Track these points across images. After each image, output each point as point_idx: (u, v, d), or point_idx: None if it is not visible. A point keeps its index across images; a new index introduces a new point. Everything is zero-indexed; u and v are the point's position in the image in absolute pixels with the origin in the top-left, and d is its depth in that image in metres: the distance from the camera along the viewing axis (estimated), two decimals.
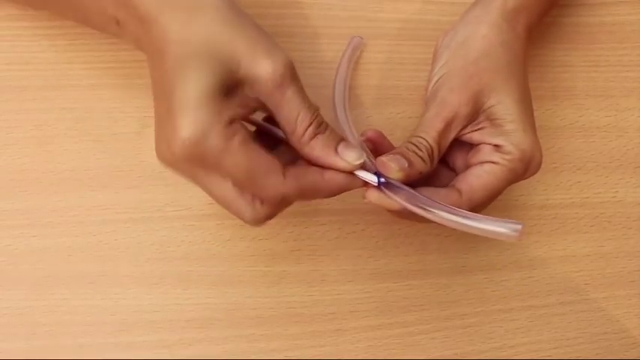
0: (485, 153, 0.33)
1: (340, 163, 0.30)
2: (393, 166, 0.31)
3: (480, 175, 0.32)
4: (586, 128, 0.42)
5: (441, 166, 0.35)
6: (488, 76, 0.33)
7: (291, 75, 0.29)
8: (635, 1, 0.44)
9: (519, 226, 0.28)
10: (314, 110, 0.30)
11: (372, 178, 0.31)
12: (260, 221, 0.30)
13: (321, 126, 0.30)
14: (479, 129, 0.34)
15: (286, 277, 0.38)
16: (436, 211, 0.30)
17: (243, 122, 0.29)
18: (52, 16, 0.39)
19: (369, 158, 0.33)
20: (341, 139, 0.30)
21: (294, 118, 0.29)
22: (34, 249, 0.37)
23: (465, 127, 0.34)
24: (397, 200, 0.31)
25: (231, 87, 0.28)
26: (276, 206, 0.30)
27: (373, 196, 0.31)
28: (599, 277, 0.40)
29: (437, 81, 0.34)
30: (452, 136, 0.33)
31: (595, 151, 0.42)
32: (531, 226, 0.40)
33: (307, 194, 0.30)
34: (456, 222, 0.29)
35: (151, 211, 0.38)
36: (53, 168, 0.38)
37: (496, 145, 0.33)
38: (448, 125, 0.33)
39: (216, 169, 0.28)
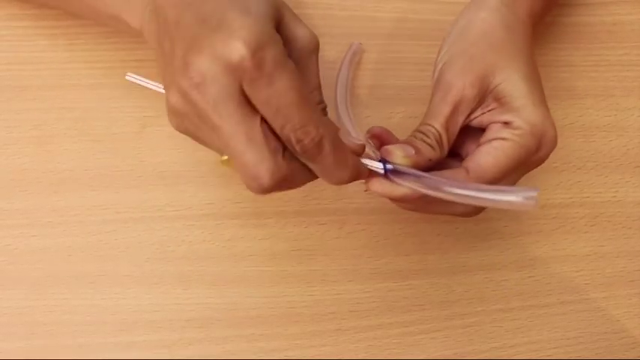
0: (494, 131, 0.32)
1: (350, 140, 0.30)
2: (397, 153, 0.30)
3: (488, 151, 0.31)
4: (586, 128, 0.42)
5: (452, 159, 0.34)
6: (491, 56, 0.33)
7: (318, 47, 0.30)
8: (635, 0, 0.44)
9: (534, 193, 0.27)
10: (321, 93, 0.30)
11: (378, 165, 0.30)
12: (276, 178, 0.26)
13: (323, 110, 0.30)
14: (488, 111, 0.33)
15: (286, 276, 0.38)
16: (447, 188, 0.28)
17: None
18: (52, 16, 0.39)
19: (374, 153, 0.32)
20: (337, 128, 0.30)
21: (311, 87, 0.30)
22: (34, 249, 0.37)
23: (473, 110, 0.33)
24: (404, 184, 0.30)
25: (277, 24, 0.27)
26: (295, 166, 0.27)
27: (375, 184, 0.30)
28: (599, 277, 0.40)
29: (440, 68, 0.34)
30: (460, 120, 0.32)
31: (595, 150, 0.42)
32: (531, 225, 0.40)
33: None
34: (468, 195, 0.28)
35: (151, 210, 0.38)
36: (53, 168, 0.38)
37: (505, 122, 0.32)
38: (455, 109, 0.32)
39: (264, 88, 0.25)
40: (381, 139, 0.32)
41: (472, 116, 0.33)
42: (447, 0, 0.43)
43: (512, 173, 0.32)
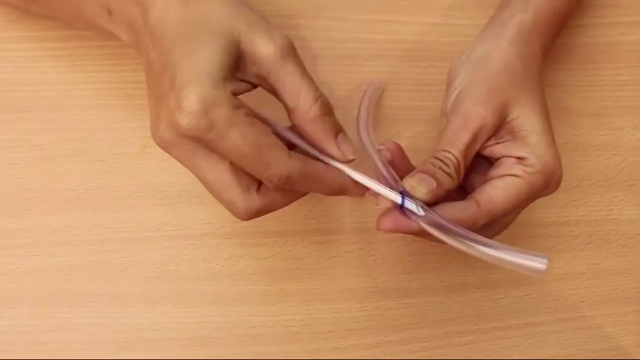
0: (507, 166, 0.32)
1: (335, 151, 0.30)
2: (421, 189, 0.30)
3: (499, 187, 0.31)
4: (581, 147, 0.42)
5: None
6: (511, 89, 0.33)
7: (291, 50, 0.29)
8: (628, 22, 0.44)
9: (545, 261, 0.28)
10: (317, 87, 0.29)
11: (396, 198, 0.30)
12: (251, 213, 0.29)
13: (326, 107, 0.30)
14: (501, 142, 0.33)
15: (285, 295, 0.39)
16: (465, 240, 0.29)
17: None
18: (54, 38, 0.40)
19: (389, 171, 0.32)
20: (341, 128, 0.30)
21: (297, 91, 0.29)
22: (36, 268, 0.37)
23: (487, 139, 0.33)
24: (419, 222, 0.30)
25: (231, 62, 0.28)
26: (270, 196, 0.29)
27: (387, 223, 0.30)
28: (595, 295, 0.40)
29: (458, 94, 0.33)
30: (476, 149, 0.32)
31: (590, 169, 0.42)
32: (528, 244, 0.40)
33: (309, 180, 0.29)
34: (482, 252, 0.29)
35: (152, 230, 0.38)
36: (55, 187, 0.38)
37: (519, 158, 0.32)
38: (475, 137, 0.32)
39: (219, 145, 0.27)
40: (392, 153, 0.33)
41: (485, 145, 0.33)
42: (444, 22, 0.44)
43: (518, 209, 0.32)
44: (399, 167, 0.32)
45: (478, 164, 0.34)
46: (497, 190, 0.31)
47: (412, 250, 0.39)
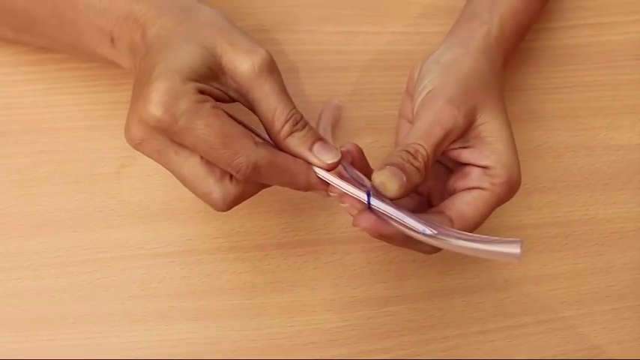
0: (474, 178, 0.33)
1: (313, 160, 0.30)
2: (392, 186, 0.29)
3: (469, 202, 0.32)
4: (555, 149, 0.43)
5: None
6: (481, 94, 0.33)
7: (270, 69, 0.30)
8: (595, 24, 0.45)
9: (519, 245, 0.27)
10: (292, 106, 0.31)
11: (362, 196, 0.30)
12: (228, 201, 0.30)
13: (298, 123, 0.30)
14: (468, 146, 0.33)
15: (266, 308, 0.39)
16: (440, 236, 0.29)
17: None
18: (29, 62, 0.40)
19: (353, 172, 0.32)
20: (318, 138, 0.31)
21: (271, 112, 0.30)
22: (17, 291, 0.37)
23: (455, 141, 0.33)
24: (390, 222, 0.30)
25: (206, 70, 0.29)
26: (245, 183, 0.30)
27: (362, 221, 0.30)
28: (574, 295, 0.41)
29: (429, 92, 0.33)
30: (444, 148, 0.32)
31: (564, 170, 0.43)
32: None
33: (278, 170, 0.30)
34: (458, 245, 0.29)
35: (132, 249, 0.38)
36: (34, 211, 0.39)
37: (485, 167, 0.32)
38: (446, 135, 0.32)
39: (186, 136, 0.28)
40: (352, 155, 0.33)
41: (452, 146, 0.33)
42: (415, 30, 0.44)
43: (484, 219, 0.33)
44: (358, 169, 0.33)
45: (435, 168, 0.35)
46: (467, 206, 0.32)
47: (391, 258, 0.40)
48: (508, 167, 0.32)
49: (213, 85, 0.30)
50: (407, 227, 0.29)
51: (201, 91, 0.29)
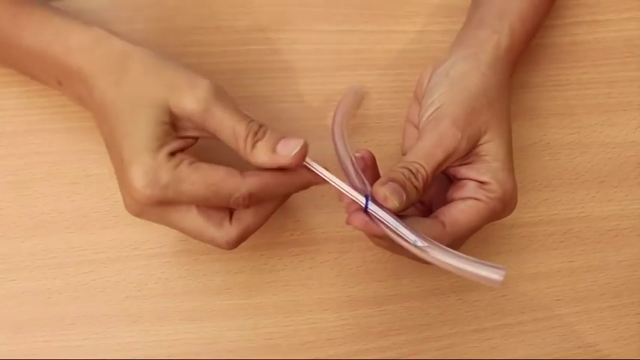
0: (470, 189, 0.33)
1: (282, 160, 0.30)
2: (394, 201, 0.30)
3: (463, 209, 0.33)
4: (551, 146, 0.43)
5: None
6: (486, 114, 0.34)
7: (216, 97, 0.31)
8: (591, 21, 0.45)
9: (503, 272, 0.28)
10: (248, 121, 0.31)
11: (361, 199, 0.31)
12: (232, 242, 0.32)
13: (258, 133, 0.31)
14: (467, 163, 0.34)
15: (263, 308, 0.39)
16: (430, 251, 0.29)
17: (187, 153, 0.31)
18: None
19: (360, 176, 0.32)
20: (280, 137, 0.31)
21: (232, 135, 0.31)
22: (13, 293, 0.37)
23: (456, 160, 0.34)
24: (382, 227, 0.30)
25: (165, 129, 0.31)
26: (243, 221, 0.32)
27: (356, 220, 0.31)
28: (570, 292, 0.40)
29: (436, 110, 0.34)
30: (444, 167, 0.33)
31: (560, 168, 0.43)
32: (501, 245, 0.41)
33: (271, 186, 0.31)
34: (444, 261, 0.29)
35: (128, 250, 0.38)
36: (30, 212, 0.39)
37: (482, 182, 0.33)
38: (447, 158, 0.33)
39: (179, 201, 0.30)
40: (365, 162, 0.33)
41: (452, 164, 0.34)
42: (411, 29, 0.44)
43: (476, 230, 0.34)
44: (368, 176, 0.33)
45: (438, 179, 0.35)
46: (461, 213, 0.33)
47: (387, 257, 0.40)
48: (502, 184, 0.33)
49: (178, 135, 0.31)
50: (399, 235, 0.30)
51: (172, 153, 0.30)
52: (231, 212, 0.32)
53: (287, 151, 0.30)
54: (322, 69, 0.43)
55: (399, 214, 0.31)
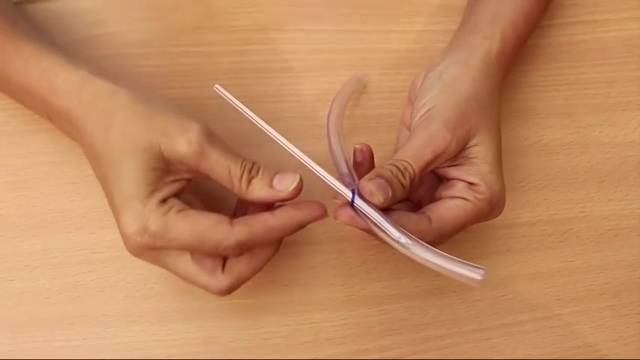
0: (459, 189, 0.34)
1: (279, 195, 0.31)
2: (379, 197, 0.31)
3: (450, 207, 0.33)
4: (550, 146, 0.43)
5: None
6: (476, 117, 0.34)
7: (208, 139, 0.31)
8: (589, 21, 0.45)
9: (482, 272, 0.29)
10: (241, 159, 0.31)
11: (348, 194, 0.31)
12: (224, 291, 0.32)
13: (252, 170, 0.31)
14: (456, 165, 0.34)
15: (262, 308, 0.39)
16: (411, 247, 0.30)
17: (177, 196, 0.31)
18: None
19: (350, 171, 0.33)
20: (275, 173, 0.31)
21: (226, 175, 0.31)
22: (13, 293, 0.37)
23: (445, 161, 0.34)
24: (368, 221, 0.31)
25: (156, 174, 0.31)
26: (236, 271, 0.32)
27: (343, 215, 0.32)
28: (570, 292, 0.40)
29: (427, 111, 0.34)
30: (432, 167, 0.34)
31: (560, 168, 0.43)
32: (501, 245, 0.41)
33: (260, 235, 0.31)
34: (427, 260, 0.30)
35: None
36: (29, 212, 0.39)
37: (471, 183, 0.34)
38: (436, 158, 0.33)
39: (169, 247, 0.31)
40: (363, 155, 0.34)
41: (441, 165, 0.34)
42: (411, 29, 0.44)
43: (462, 229, 0.34)
44: (364, 171, 0.33)
45: (428, 178, 0.36)
46: (448, 211, 0.33)
47: (386, 257, 0.40)
48: (490, 186, 0.33)
49: (169, 179, 0.31)
50: (383, 230, 0.30)
51: (163, 200, 0.30)
52: (225, 259, 0.32)
53: (284, 186, 0.31)
54: (322, 69, 0.43)
55: (387, 209, 0.31)
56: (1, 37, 0.34)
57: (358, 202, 0.31)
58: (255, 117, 0.33)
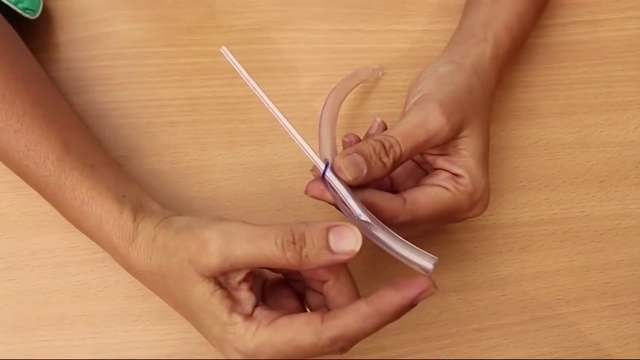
0: (440, 178, 0.33)
1: (343, 259, 0.28)
2: (347, 176, 0.30)
3: (428, 193, 0.33)
4: (551, 146, 0.43)
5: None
6: (470, 109, 0.34)
7: (224, 239, 0.28)
8: (590, 20, 0.45)
9: (433, 261, 0.28)
10: (273, 238, 0.27)
11: (321, 165, 0.31)
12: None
13: (295, 240, 0.27)
14: (443, 155, 0.34)
15: None
16: (369, 226, 0.29)
17: (261, 306, 0.30)
18: None
19: (333, 144, 0.33)
20: (323, 231, 0.28)
21: (272, 258, 0.28)
22: (13, 292, 0.37)
23: (434, 148, 0.34)
24: (336, 196, 0.30)
25: (220, 289, 0.29)
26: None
27: (313, 190, 0.31)
28: (570, 292, 0.40)
29: (426, 93, 0.34)
30: (422, 151, 0.33)
31: (561, 167, 0.43)
32: (501, 244, 0.41)
33: (354, 326, 0.28)
34: (381, 239, 0.29)
35: None
36: (29, 211, 0.39)
37: (455, 174, 0.33)
38: (428, 140, 0.32)
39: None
40: (350, 140, 0.34)
41: (431, 151, 0.34)
42: (411, 28, 0.44)
43: (439, 219, 0.33)
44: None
45: (416, 174, 0.36)
46: (425, 196, 0.33)
47: (387, 257, 0.39)
48: (475, 181, 0.33)
49: (234, 287, 0.30)
50: (346, 206, 0.30)
51: (248, 315, 0.29)
52: None
53: (347, 248, 0.28)
54: (322, 68, 0.43)
55: (359, 186, 0.31)
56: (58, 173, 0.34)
57: (329, 175, 0.30)
58: (255, 84, 0.33)
